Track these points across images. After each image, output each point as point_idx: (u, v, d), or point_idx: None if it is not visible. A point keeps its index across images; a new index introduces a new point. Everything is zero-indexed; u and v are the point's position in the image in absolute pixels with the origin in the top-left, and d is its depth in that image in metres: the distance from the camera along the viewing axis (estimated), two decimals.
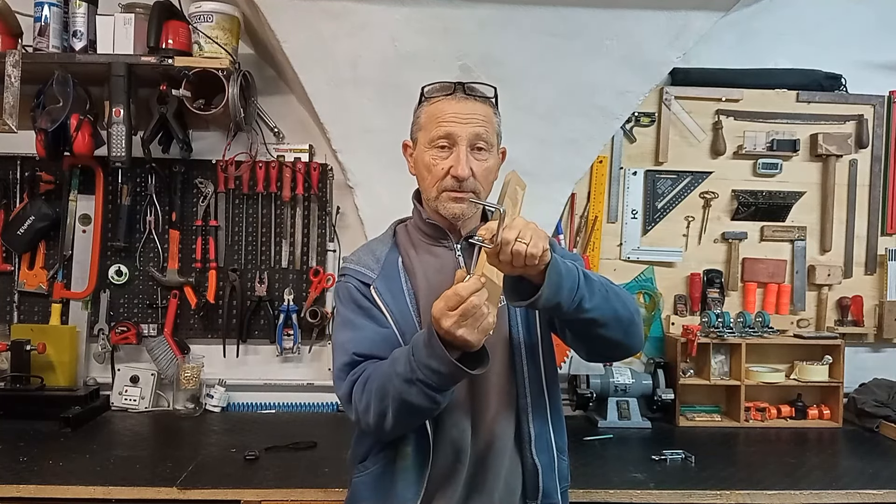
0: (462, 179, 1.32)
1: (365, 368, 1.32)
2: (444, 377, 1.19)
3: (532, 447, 1.39)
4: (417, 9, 2.14)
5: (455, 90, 1.36)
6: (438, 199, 1.36)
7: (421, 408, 1.23)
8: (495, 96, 1.41)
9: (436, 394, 1.21)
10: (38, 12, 2.20)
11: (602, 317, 1.27)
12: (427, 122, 1.38)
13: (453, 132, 1.33)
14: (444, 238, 1.42)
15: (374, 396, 1.27)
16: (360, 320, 1.37)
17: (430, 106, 1.38)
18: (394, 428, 1.28)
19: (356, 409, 1.31)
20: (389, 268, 1.41)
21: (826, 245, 2.63)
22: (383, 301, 1.36)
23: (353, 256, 1.46)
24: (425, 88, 1.40)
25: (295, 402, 2.52)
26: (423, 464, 1.34)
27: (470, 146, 1.34)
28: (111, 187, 2.48)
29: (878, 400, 2.42)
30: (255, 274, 2.50)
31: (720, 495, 1.80)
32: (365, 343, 1.34)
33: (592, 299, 1.24)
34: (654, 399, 2.43)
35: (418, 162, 1.41)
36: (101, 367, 2.49)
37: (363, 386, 1.30)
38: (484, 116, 1.36)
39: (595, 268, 2.57)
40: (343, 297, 1.41)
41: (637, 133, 2.59)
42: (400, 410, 1.24)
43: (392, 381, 1.24)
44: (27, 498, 1.74)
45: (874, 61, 2.63)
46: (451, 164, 1.33)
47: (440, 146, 1.35)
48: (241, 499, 1.75)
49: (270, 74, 2.52)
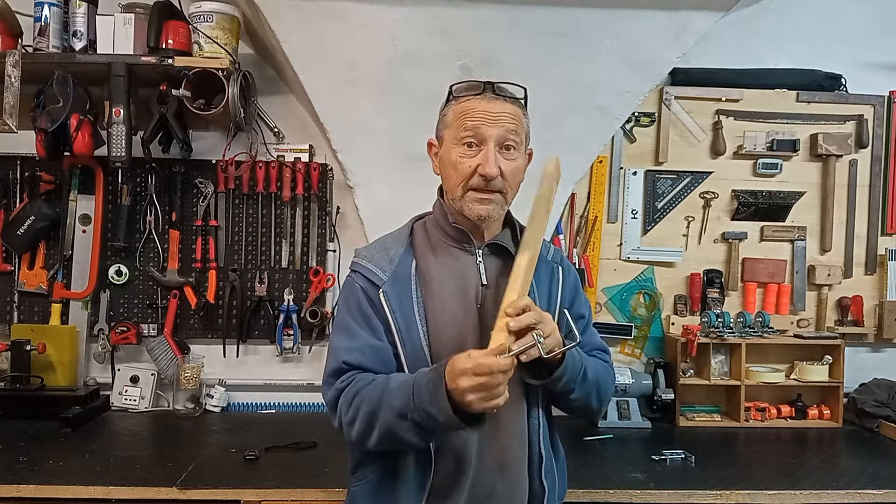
0: (490, 178, 1.30)
1: (353, 378, 1.31)
2: (439, 425, 1.19)
3: (542, 469, 1.38)
4: (417, 9, 2.14)
5: (485, 90, 1.34)
6: (464, 198, 1.34)
7: (409, 442, 1.24)
8: (525, 97, 1.39)
9: (427, 434, 1.22)
10: (38, 12, 2.20)
11: (576, 401, 1.39)
12: (454, 120, 1.35)
13: (482, 130, 1.31)
14: (466, 242, 1.39)
15: (361, 415, 1.26)
16: (356, 328, 1.35)
17: (459, 105, 1.35)
18: (375, 447, 1.28)
19: (340, 419, 1.31)
20: (402, 271, 1.37)
21: (826, 245, 2.63)
22: (390, 307, 1.33)
23: (366, 252, 1.42)
24: (454, 87, 1.38)
25: (295, 402, 2.52)
26: (425, 473, 1.32)
27: (498, 145, 1.32)
28: (111, 187, 2.48)
29: (878, 400, 2.42)
30: (255, 274, 2.50)
31: (720, 495, 1.80)
32: (355, 354, 1.32)
33: (578, 392, 1.36)
34: (654, 399, 2.43)
35: (444, 160, 1.38)
36: (101, 367, 2.49)
37: (351, 400, 1.29)
38: (513, 116, 1.34)
39: (595, 268, 2.57)
40: (348, 298, 1.39)
41: (637, 133, 2.59)
42: (385, 438, 1.25)
43: (385, 410, 1.23)
44: (27, 498, 1.74)
45: (874, 61, 2.63)
46: (479, 161, 1.31)
47: (468, 144, 1.33)
48: (241, 499, 1.75)
49: (270, 74, 2.52)
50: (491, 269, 1.39)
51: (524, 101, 1.39)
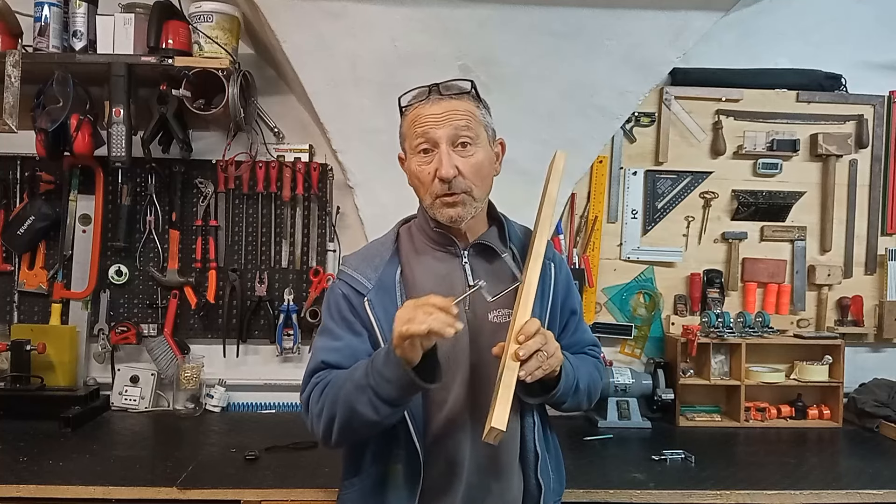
0: (447, 180, 1.29)
1: (329, 374, 1.31)
2: (395, 387, 1.18)
3: (537, 467, 1.38)
4: (417, 9, 2.14)
5: (430, 93, 1.33)
6: (433, 205, 1.33)
7: (364, 418, 1.22)
8: (473, 88, 1.36)
9: (382, 404, 1.19)
10: (38, 12, 2.20)
11: (567, 407, 1.42)
12: (407, 130, 1.35)
13: (431, 133, 1.30)
14: (450, 244, 1.39)
15: (327, 401, 1.26)
16: (339, 330, 1.35)
17: (409, 114, 1.34)
18: (338, 437, 1.27)
19: (311, 414, 1.31)
20: (386, 279, 1.36)
21: (826, 245, 2.63)
22: (375, 315, 1.33)
23: (351, 260, 1.42)
24: (401, 99, 1.37)
25: (295, 402, 2.51)
26: (415, 478, 1.31)
27: (452, 144, 1.30)
28: (111, 187, 2.48)
29: (878, 400, 2.42)
30: (255, 274, 2.50)
31: (720, 495, 1.80)
32: (334, 354, 1.33)
33: (568, 401, 1.39)
34: (654, 399, 2.43)
35: (409, 172, 1.38)
36: (101, 367, 2.49)
37: (321, 392, 1.29)
38: (462, 112, 1.31)
39: (595, 268, 2.57)
40: (330, 305, 1.39)
41: (637, 133, 2.59)
42: (345, 418, 1.24)
43: (346, 386, 1.23)
44: (27, 498, 1.74)
45: (874, 61, 2.63)
46: (435, 166, 1.30)
47: (423, 150, 1.32)
48: (241, 499, 1.75)
49: (270, 74, 2.52)
50: (478, 270, 1.38)
51: (475, 94, 1.36)
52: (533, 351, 1.19)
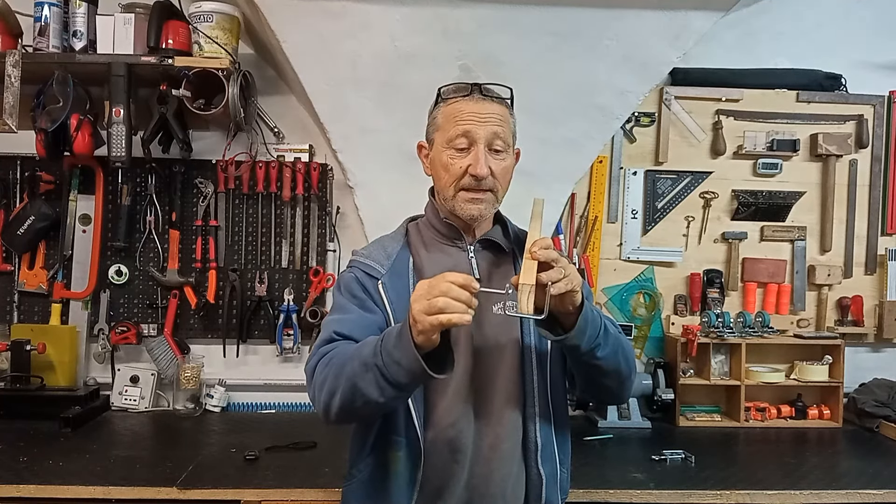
0: (481, 178, 1.33)
1: (338, 345, 1.30)
2: (403, 371, 1.15)
3: (538, 456, 1.37)
4: (417, 9, 2.14)
5: (472, 91, 1.37)
6: (455, 198, 1.37)
7: (368, 398, 1.19)
8: (511, 97, 1.41)
9: (388, 386, 1.17)
10: (38, 12, 2.20)
11: (606, 366, 1.33)
12: (444, 122, 1.38)
13: (471, 131, 1.34)
14: (458, 238, 1.42)
15: (331, 372, 1.25)
16: (351, 306, 1.36)
17: (448, 106, 1.38)
18: (338, 413, 1.24)
19: (315, 385, 1.29)
20: (399, 266, 1.40)
21: (826, 245, 2.63)
22: (388, 298, 1.35)
23: (363, 250, 1.45)
24: (442, 89, 1.41)
25: (295, 402, 2.52)
26: (415, 466, 1.32)
27: (487, 146, 1.35)
28: (111, 187, 2.48)
29: (878, 400, 2.42)
30: (255, 274, 2.50)
31: (720, 495, 1.80)
32: (347, 324, 1.32)
33: (605, 349, 1.30)
34: (654, 399, 2.43)
35: (435, 162, 1.40)
36: (101, 367, 2.49)
37: (328, 361, 1.27)
38: (501, 116, 1.36)
39: (595, 268, 2.57)
40: (343, 286, 1.40)
41: (637, 133, 2.59)
42: (347, 394, 1.21)
43: (353, 361, 1.22)
44: (27, 498, 1.74)
45: (874, 61, 2.63)
46: (469, 162, 1.33)
47: (458, 147, 1.35)
48: (241, 499, 1.75)
49: (270, 74, 2.52)
50: (483, 263, 1.42)
51: (510, 102, 1.41)
52: (551, 259, 1.17)
